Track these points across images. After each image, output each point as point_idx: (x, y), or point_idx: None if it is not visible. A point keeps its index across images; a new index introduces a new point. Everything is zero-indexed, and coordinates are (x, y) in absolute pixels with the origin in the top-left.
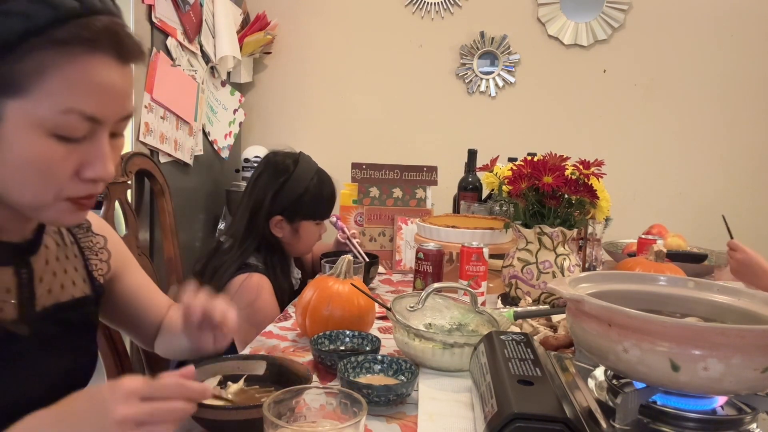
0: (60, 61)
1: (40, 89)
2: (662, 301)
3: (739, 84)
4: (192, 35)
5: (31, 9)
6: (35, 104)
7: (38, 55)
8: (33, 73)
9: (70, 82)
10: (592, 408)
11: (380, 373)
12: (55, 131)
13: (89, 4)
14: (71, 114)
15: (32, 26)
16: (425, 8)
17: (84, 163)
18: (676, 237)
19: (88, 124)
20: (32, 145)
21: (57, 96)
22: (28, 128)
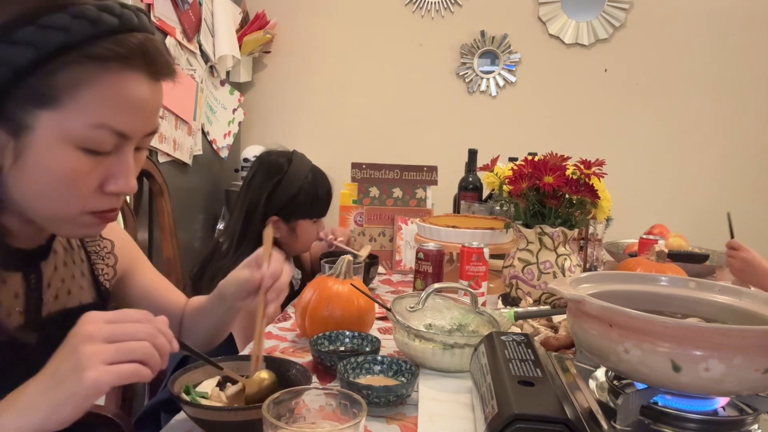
0: (95, 76)
1: (73, 102)
2: (663, 301)
3: (741, 83)
4: (191, 34)
5: (73, 24)
6: (67, 117)
7: (74, 69)
8: (67, 86)
9: (103, 97)
10: (593, 409)
11: (380, 373)
12: (84, 145)
13: (127, 20)
14: (102, 129)
15: (71, 41)
16: (425, 7)
17: (108, 177)
18: (677, 237)
19: (116, 138)
20: (60, 158)
21: (89, 110)
22: (57, 140)
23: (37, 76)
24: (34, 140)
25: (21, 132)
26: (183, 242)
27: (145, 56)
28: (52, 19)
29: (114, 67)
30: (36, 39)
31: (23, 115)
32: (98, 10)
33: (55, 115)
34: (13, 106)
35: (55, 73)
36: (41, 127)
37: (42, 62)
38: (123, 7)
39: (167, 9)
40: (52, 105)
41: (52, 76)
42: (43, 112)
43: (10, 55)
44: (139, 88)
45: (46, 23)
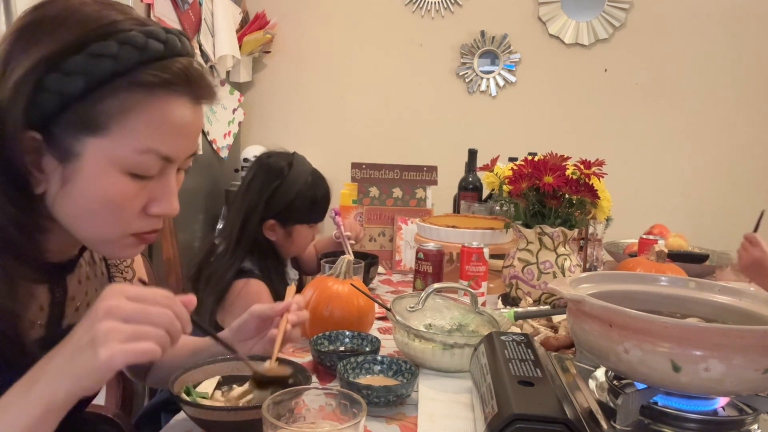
0: (142, 103)
1: (120, 129)
2: (663, 301)
3: (741, 83)
4: (191, 34)
5: (121, 51)
6: (115, 143)
7: (122, 96)
8: (116, 113)
9: (149, 123)
10: (593, 409)
11: (380, 373)
12: (131, 170)
13: (172, 45)
14: (148, 153)
15: (120, 68)
16: (425, 7)
17: (152, 200)
18: (677, 237)
19: (161, 162)
20: (107, 183)
21: (136, 136)
22: (105, 166)
23: (86, 103)
24: (81, 166)
25: (69, 158)
26: (183, 242)
27: (188, 81)
28: (101, 47)
29: (160, 93)
30: (86, 68)
31: (71, 141)
32: (145, 36)
33: (102, 142)
34: (60, 133)
35: (103, 100)
36: (89, 153)
37: (91, 90)
38: (167, 32)
39: (167, 9)
40: (99, 131)
41: (100, 103)
42: (91, 138)
43: (61, 84)
44: (183, 112)
45: (96, 51)
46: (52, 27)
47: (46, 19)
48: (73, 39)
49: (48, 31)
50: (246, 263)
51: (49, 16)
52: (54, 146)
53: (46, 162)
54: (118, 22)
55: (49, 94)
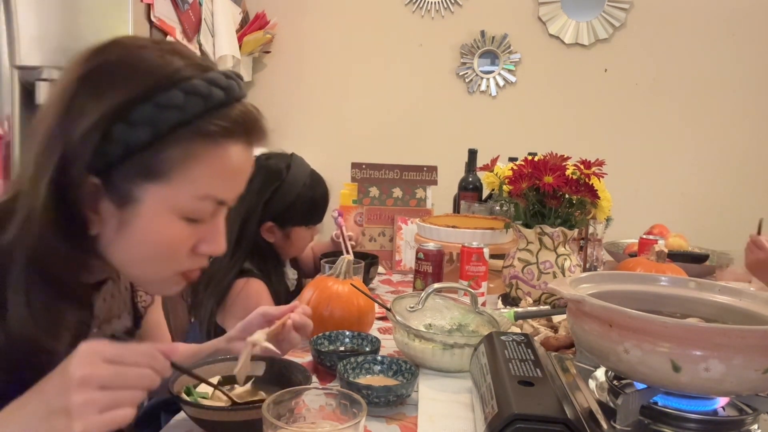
0: (203, 150)
1: (181, 176)
2: (663, 301)
3: (741, 83)
4: (191, 34)
5: (186, 101)
6: (175, 190)
7: (184, 145)
8: (178, 161)
9: (209, 170)
10: (593, 409)
11: (380, 373)
12: (187, 215)
13: (232, 92)
14: (206, 200)
15: (185, 118)
16: (425, 7)
17: (201, 240)
18: (677, 237)
19: (215, 206)
20: (164, 228)
21: (196, 183)
22: (163, 212)
23: (149, 151)
24: (139, 211)
25: (127, 203)
26: None
27: (246, 126)
28: (168, 98)
29: (220, 141)
30: (152, 119)
31: (131, 187)
32: (208, 84)
33: (162, 188)
34: (121, 179)
35: (166, 148)
36: (148, 199)
37: (155, 139)
38: (227, 77)
39: (167, 9)
40: (160, 178)
41: (163, 151)
42: (151, 185)
43: (127, 134)
44: (239, 157)
45: (162, 102)
46: (118, 76)
47: (111, 67)
48: (139, 90)
49: (113, 80)
50: (246, 263)
51: (112, 63)
52: (113, 191)
53: (103, 205)
54: (181, 69)
55: (114, 144)
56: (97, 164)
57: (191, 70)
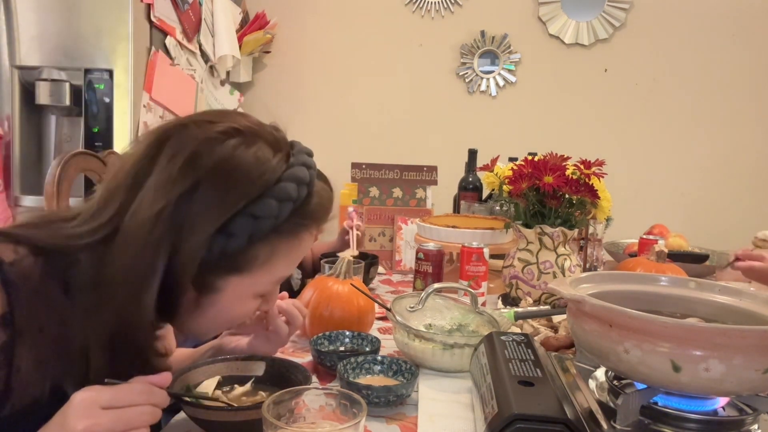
0: (287, 246)
1: (263, 269)
2: (663, 301)
3: (741, 83)
4: (191, 34)
5: (281, 209)
6: (255, 280)
7: (271, 244)
8: (264, 258)
9: (289, 260)
10: (593, 409)
11: (380, 373)
12: (261, 294)
13: (311, 186)
14: (280, 281)
15: (278, 223)
16: (425, 7)
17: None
18: (677, 237)
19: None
20: (240, 307)
21: (275, 272)
22: (242, 297)
23: (240, 252)
24: (219, 299)
25: (209, 292)
26: None
27: (320, 215)
28: (263, 208)
29: (301, 234)
30: (250, 230)
31: (215, 279)
32: (296, 185)
33: (244, 279)
34: (208, 274)
35: (255, 249)
36: (229, 288)
37: (247, 244)
38: (308, 168)
39: (167, 9)
40: (245, 272)
41: (252, 251)
42: (235, 277)
43: (225, 244)
44: (310, 242)
45: (258, 213)
46: (218, 191)
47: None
48: (239, 204)
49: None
50: None
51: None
52: (198, 282)
53: (186, 292)
54: (270, 171)
55: (211, 252)
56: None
57: (278, 165)
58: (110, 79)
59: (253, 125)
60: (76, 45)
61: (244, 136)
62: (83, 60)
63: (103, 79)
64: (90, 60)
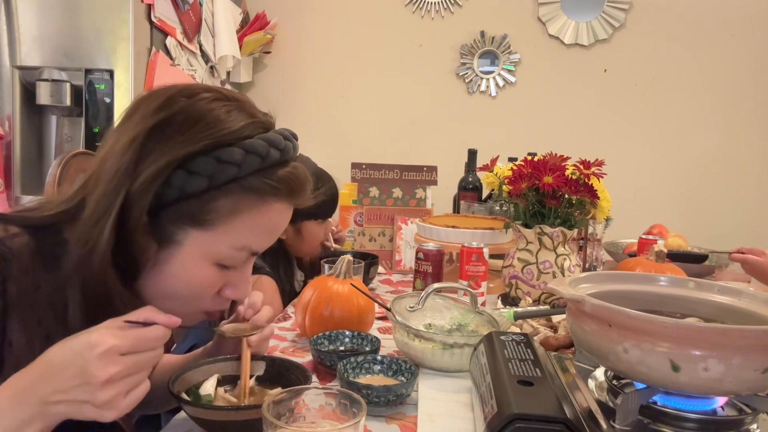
0: (250, 206)
1: (224, 227)
2: (663, 301)
3: (740, 84)
4: (191, 35)
5: (245, 160)
6: (215, 239)
7: (234, 198)
8: (225, 213)
9: (251, 225)
10: (593, 408)
11: (380, 373)
12: (221, 261)
13: (287, 154)
14: (243, 250)
15: (241, 174)
16: (425, 7)
17: (227, 284)
18: (676, 237)
19: (248, 256)
20: (196, 270)
21: (237, 235)
22: (200, 256)
23: (201, 200)
24: (178, 253)
25: (168, 244)
26: None
27: (290, 187)
28: (229, 153)
29: (267, 198)
30: (212, 172)
31: (176, 230)
32: (267, 145)
33: (204, 235)
34: (168, 220)
35: (217, 199)
36: (189, 243)
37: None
38: (285, 139)
39: (167, 9)
40: (205, 226)
41: (214, 201)
42: (195, 230)
43: (185, 182)
44: (280, 215)
45: (223, 158)
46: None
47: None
48: (204, 143)
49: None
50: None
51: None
52: (158, 230)
53: (147, 243)
54: (244, 127)
55: (171, 189)
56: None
57: (253, 128)
58: (111, 80)
59: (239, 97)
60: (76, 45)
61: (226, 99)
62: (84, 60)
63: (104, 80)
64: (90, 60)
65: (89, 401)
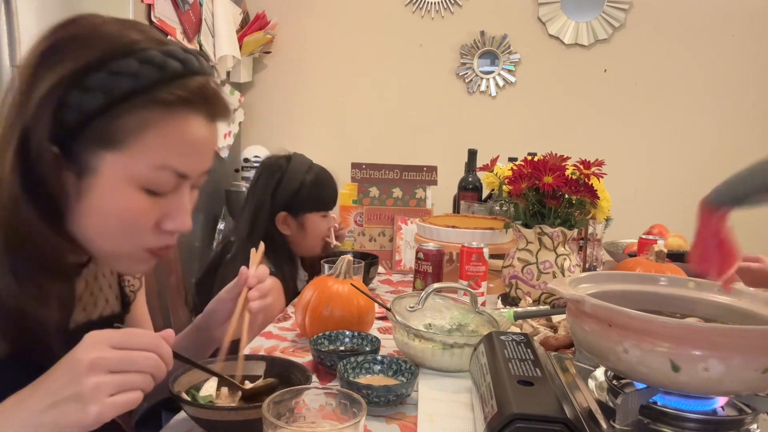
0: (159, 119)
1: (138, 145)
2: (663, 301)
3: (740, 84)
4: (191, 34)
5: (141, 70)
6: (132, 159)
7: (140, 113)
8: (134, 129)
9: (166, 140)
10: (593, 408)
11: (380, 373)
12: (146, 186)
13: (190, 65)
14: (164, 170)
15: (139, 86)
16: (425, 7)
17: (165, 216)
18: (676, 237)
19: (176, 179)
20: (122, 198)
21: (153, 152)
22: (121, 181)
23: (105, 118)
24: (98, 181)
25: (86, 173)
26: (183, 242)
27: (204, 99)
28: (122, 64)
29: (177, 111)
30: (106, 85)
31: (89, 156)
32: (164, 55)
33: (119, 157)
34: (79, 148)
35: (121, 116)
36: (106, 168)
37: (110, 106)
38: (185, 52)
39: (167, 9)
40: (117, 147)
41: (119, 119)
42: (108, 153)
43: (81, 100)
44: (199, 129)
45: (116, 69)
46: (75, 46)
47: (69, 38)
48: (94, 57)
49: (71, 50)
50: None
51: (71, 35)
52: (72, 161)
53: (65, 177)
54: (139, 41)
55: (70, 110)
56: (57, 133)
57: (148, 43)
58: None
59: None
60: None
61: (120, 20)
62: None
63: None
64: None
65: (74, 395)
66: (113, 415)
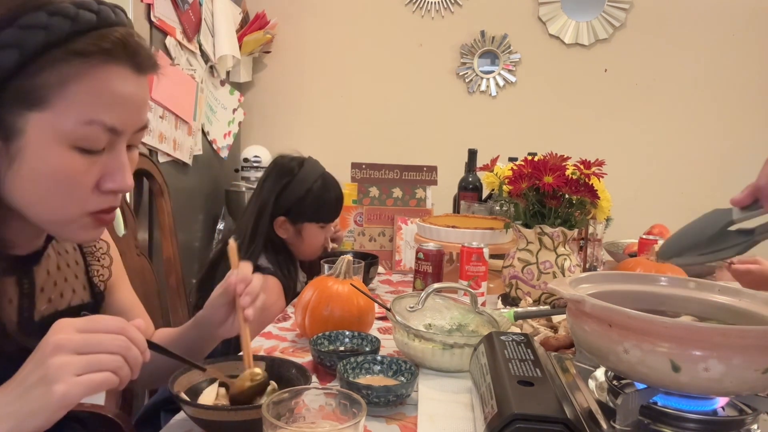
0: (80, 72)
1: (62, 101)
2: (663, 301)
3: (741, 83)
4: (191, 34)
5: (51, 21)
6: (57, 116)
7: (59, 67)
8: (55, 85)
9: (90, 93)
10: (593, 409)
11: (380, 373)
12: (77, 143)
13: (105, 16)
14: (93, 125)
15: (52, 38)
16: (425, 7)
17: (104, 176)
18: None
19: (108, 135)
20: (55, 158)
21: (79, 107)
22: (50, 141)
23: (23, 77)
24: (26, 143)
25: (12, 136)
26: (183, 242)
27: (127, 49)
28: (31, 18)
29: (98, 62)
30: (18, 40)
31: (13, 118)
32: (75, 7)
33: (45, 116)
34: (1, 111)
35: (40, 72)
36: (32, 129)
37: (26, 63)
38: (99, 4)
39: (167, 9)
40: (40, 105)
41: (38, 75)
42: (33, 113)
43: None
44: (124, 81)
45: (26, 23)
46: None
47: None
48: (3, 14)
49: None
50: (261, 260)
51: None
52: None
53: None
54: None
55: None
56: None
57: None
58: None
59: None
60: None
61: None
62: None
63: None
64: None
65: (40, 378)
66: (82, 396)
